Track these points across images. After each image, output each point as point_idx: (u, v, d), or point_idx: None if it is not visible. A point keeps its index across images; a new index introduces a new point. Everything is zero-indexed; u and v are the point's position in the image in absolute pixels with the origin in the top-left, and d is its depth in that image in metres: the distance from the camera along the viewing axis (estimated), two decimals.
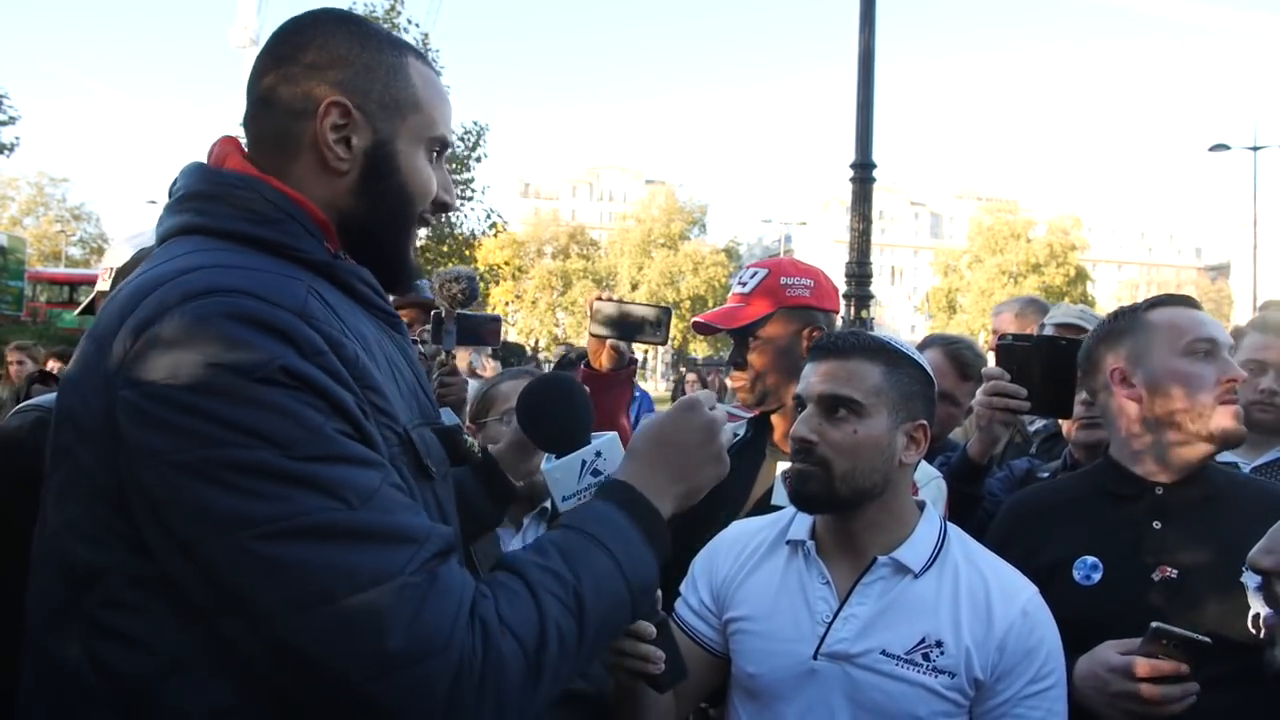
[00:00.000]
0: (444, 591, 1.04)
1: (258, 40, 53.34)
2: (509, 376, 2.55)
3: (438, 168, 1.39)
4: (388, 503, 1.06)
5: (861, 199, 8.13)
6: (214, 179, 1.27)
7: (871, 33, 8.09)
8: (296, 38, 1.29)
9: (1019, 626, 1.65)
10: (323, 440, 1.04)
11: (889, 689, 1.63)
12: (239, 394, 1.01)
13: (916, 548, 1.74)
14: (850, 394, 1.72)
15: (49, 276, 33.79)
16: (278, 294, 1.09)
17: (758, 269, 2.51)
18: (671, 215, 59.19)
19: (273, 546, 0.99)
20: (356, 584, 1.00)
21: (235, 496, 1.00)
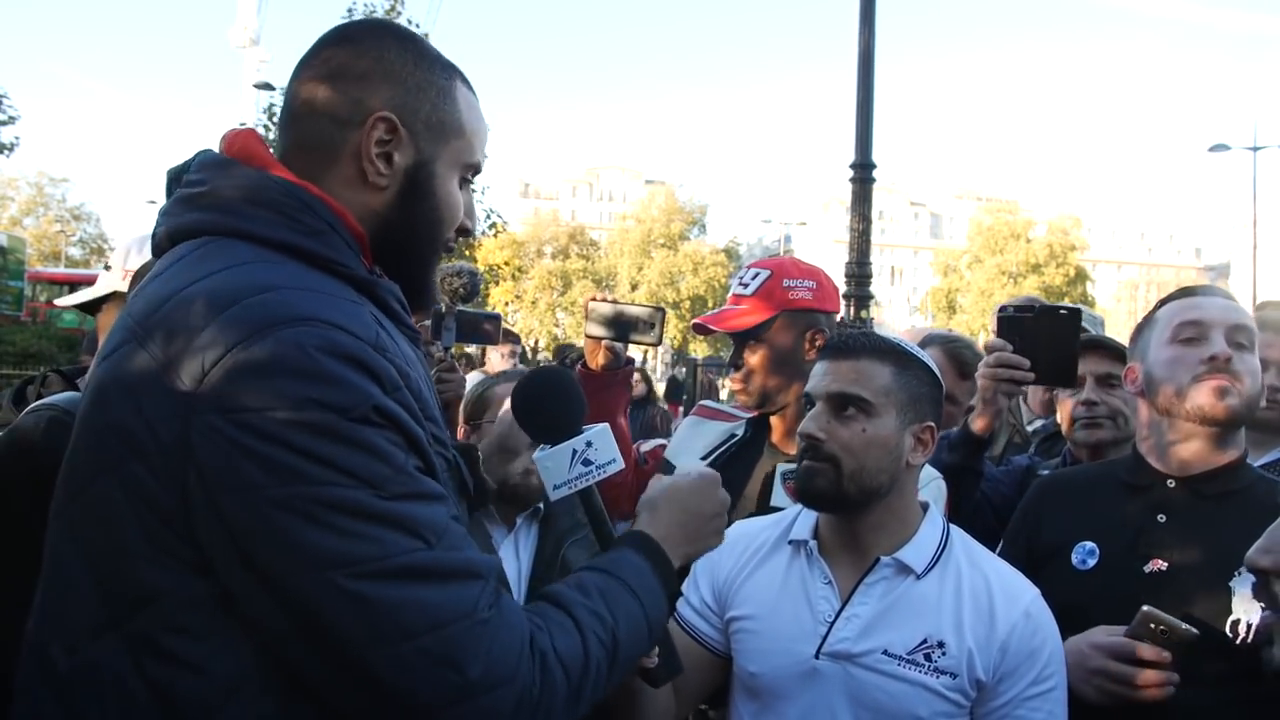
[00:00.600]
0: (509, 625, 1.11)
1: (258, 40, 53.57)
2: (505, 378, 2.55)
3: (466, 193, 1.39)
4: (456, 538, 1.12)
5: (861, 199, 8.13)
6: (249, 180, 1.22)
7: (871, 32, 8.09)
8: (351, 46, 1.28)
9: (1022, 628, 1.66)
10: (406, 478, 1.09)
11: (891, 689, 1.63)
12: (337, 433, 1.03)
13: (920, 548, 1.74)
14: (859, 393, 1.72)
15: (49, 276, 33.78)
16: (358, 325, 1.10)
17: (759, 269, 2.49)
18: (671, 215, 59.12)
19: (362, 585, 1.02)
20: (439, 621, 1.05)
21: (330, 535, 1.02)
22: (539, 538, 2.44)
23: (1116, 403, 2.56)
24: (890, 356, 1.77)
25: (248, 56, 52.31)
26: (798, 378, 2.34)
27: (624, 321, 2.45)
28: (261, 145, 1.29)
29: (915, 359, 1.80)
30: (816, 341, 2.39)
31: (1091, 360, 2.63)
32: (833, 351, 1.80)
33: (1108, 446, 2.57)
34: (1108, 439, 2.56)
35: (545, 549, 2.41)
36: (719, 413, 2.63)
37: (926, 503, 1.85)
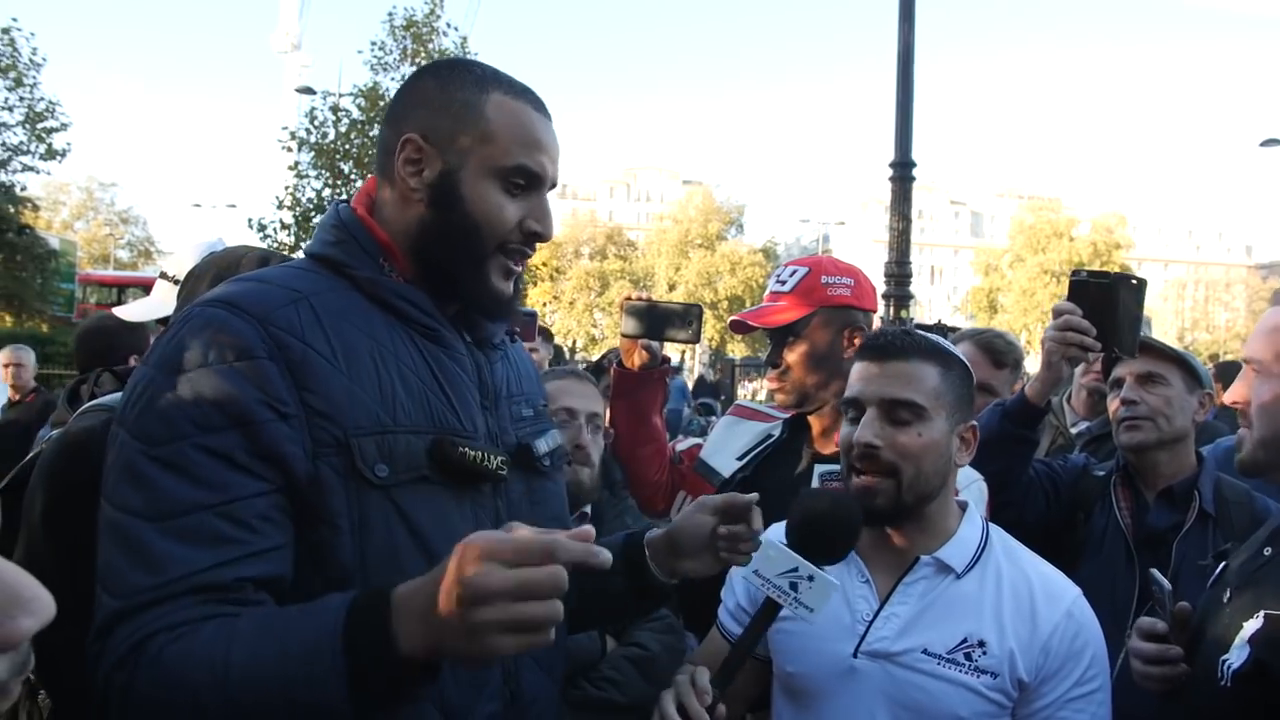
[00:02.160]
0: (136, 620, 1.16)
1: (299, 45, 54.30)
2: (553, 376, 2.56)
3: (525, 198, 1.45)
4: (185, 528, 1.18)
5: (901, 198, 8.07)
6: (329, 212, 1.51)
7: (911, 29, 8.02)
8: (404, 87, 1.51)
9: (1064, 628, 1.64)
10: (174, 449, 1.20)
11: (930, 688, 1.61)
12: (149, 386, 1.24)
13: (960, 548, 1.72)
14: (913, 397, 1.69)
15: (98, 279, 34.49)
16: (252, 303, 1.29)
17: (797, 267, 2.48)
18: (709, 215, 58.94)
19: (102, 521, 1.22)
20: (106, 585, 1.19)
21: (109, 469, 1.24)
22: None
23: (1157, 402, 2.53)
24: (936, 356, 1.74)
25: (289, 61, 53.13)
26: (836, 375, 2.34)
27: (660, 319, 2.45)
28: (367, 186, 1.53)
29: (955, 357, 1.78)
30: (855, 339, 2.38)
31: (1134, 360, 2.59)
32: (877, 352, 1.76)
33: (1152, 448, 2.54)
34: (1150, 440, 2.53)
35: None
36: (756, 413, 2.62)
37: (965, 502, 1.83)
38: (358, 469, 1.27)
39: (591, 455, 2.42)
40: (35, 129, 24.01)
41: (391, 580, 1.16)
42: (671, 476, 2.60)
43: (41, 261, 26.26)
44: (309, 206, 21.97)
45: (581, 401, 2.46)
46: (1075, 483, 2.69)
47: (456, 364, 1.45)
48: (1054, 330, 2.27)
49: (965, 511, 1.80)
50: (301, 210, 21.93)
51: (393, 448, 1.31)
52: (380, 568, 1.27)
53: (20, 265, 25.36)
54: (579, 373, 2.64)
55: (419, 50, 22.61)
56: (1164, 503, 2.53)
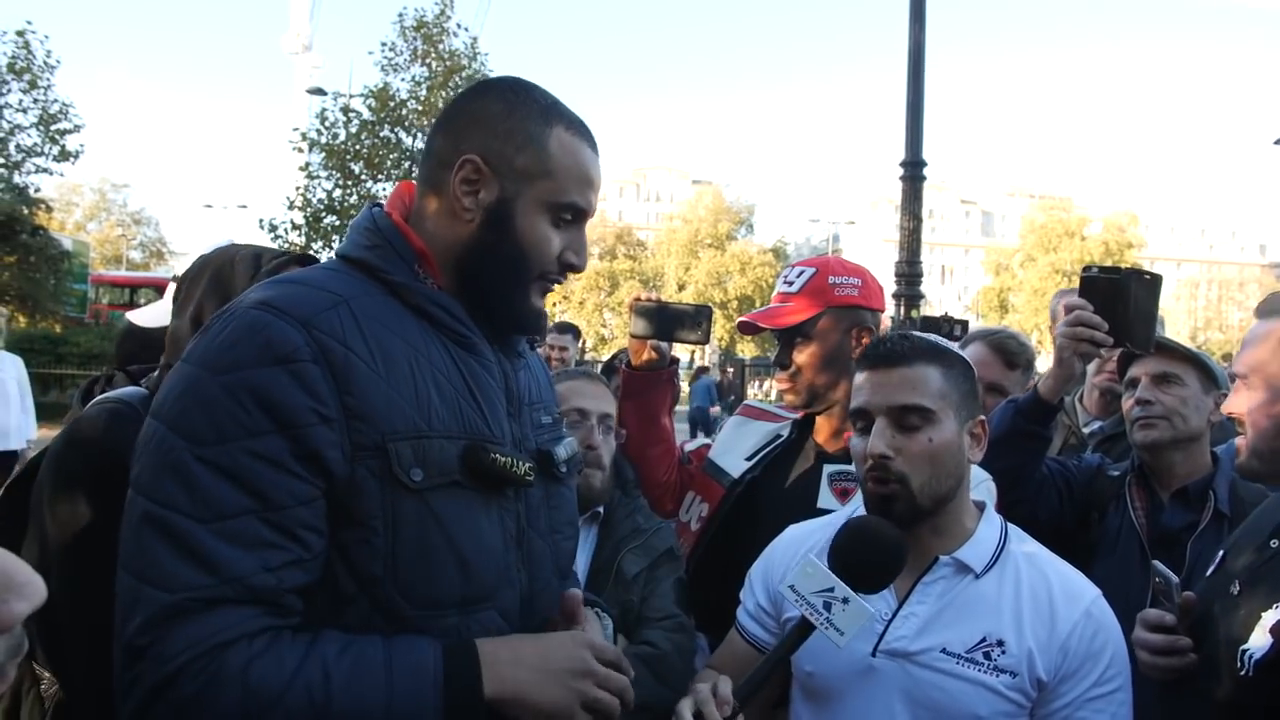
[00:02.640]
0: (202, 623, 1.16)
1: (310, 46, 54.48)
2: (565, 376, 2.56)
3: (568, 231, 1.50)
4: (233, 531, 1.19)
5: (911, 197, 8.05)
6: (362, 215, 1.51)
7: (922, 28, 8.00)
8: (464, 99, 1.51)
9: (1083, 628, 1.63)
10: (226, 452, 1.20)
11: (949, 687, 1.61)
12: (196, 386, 1.24)
13: (979, 548, 1.72)
14: (921, 402, 1.69)
15: (111, 279, 34.74)
16: (295, 305, 1.29)
17: (804, 268, 2.48)
18: (718, 215, 58.96)
19: (141, 511, 1.20)
20: (145, 574, 1.17)
21: (148, 464, 1.22)
22: (597, 542, 2.45)
23: (1172, 402, 2.52)
24: (936, 357, 1.74)
25: (300, 62, 53.31)
26: (845, 375, 2.34)
27: (670, 320, 2.45)
28: (400, 190, 1.57)
29: (954, 355, 1.78)
30: (863, 339, 2.38)
31: (1149, 360, 2.58)
32: (878, 360, 1.75)
33: (1166, 447, 2.53)
34: (1165, 439, 2.52)
35: (602, 553, 2.41)
36: (765, 413, 2.62)
37: (983, 501, 1.83)
38: (394, 473, 1.29)
39: (603, 456, 2.43)
40: (49, 131, 24.07)
41: (420, 581, 1.30)
42: (680, 477, 2.60)
43: (55, 262, 26.33)
44: (319, 207, 22.06)
45: (594, 402, 2.46)
46: (1089, 482, 2.68)
47: (486, 371, 1.47)
48: (1065, 326, 2.26)
49: (984, 511, 1.79)
50: (312, 211, 22.03)
51: (427, 452, 1.32)
52: (411, 569, 1.29)
53: (34, 266, 25.43)
54: (591, 374, 2.63)
55: (429, 51, 22.69)
56: (1179, 503, 2.51)
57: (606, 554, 2.40)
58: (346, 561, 1.27)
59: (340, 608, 1.27)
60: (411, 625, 1.29)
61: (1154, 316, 2.20)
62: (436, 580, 1.32)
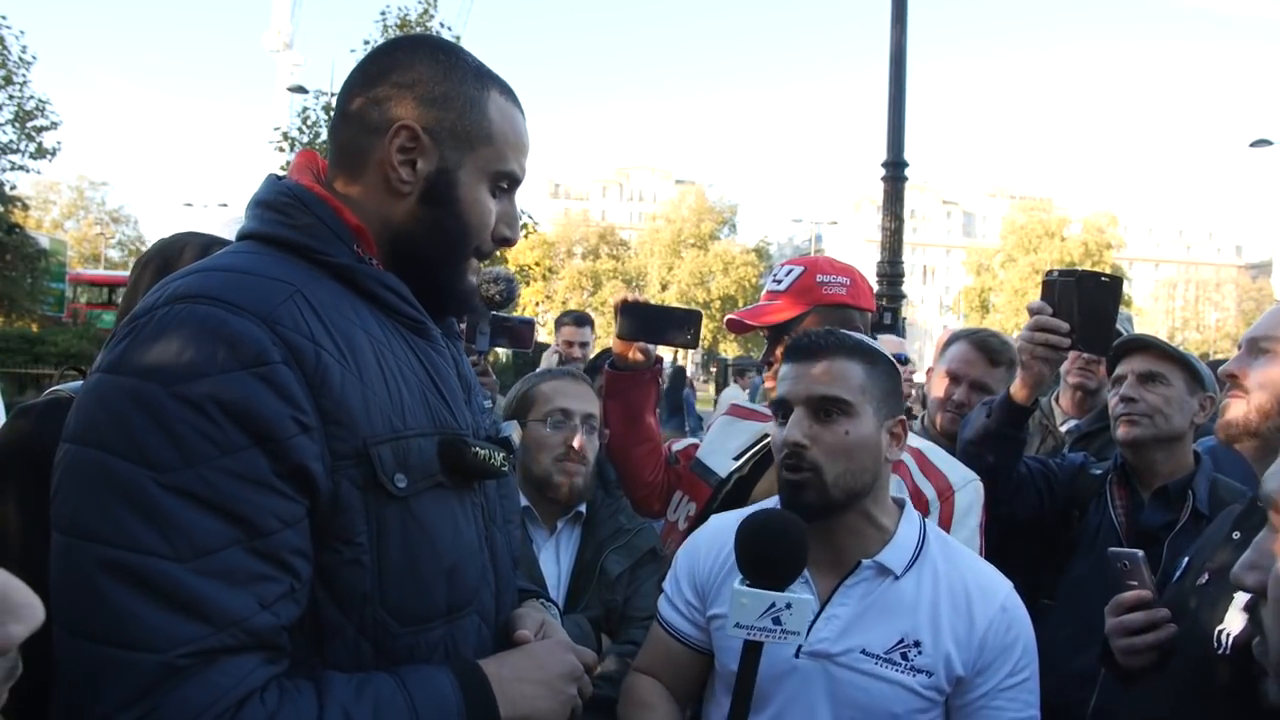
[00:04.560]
0: (206, 684, 1.01)
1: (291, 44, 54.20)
2: (549, 376, 2.55)
3: (503, 201, 1.41)
4: (220, 569, 1.03)
5: (893, 198, 8.09)
6: (269, 187, 1.33)
7: (903, 30, 8.04)
8: (386, 59, 1.35)
9: (998, 622, 1.69)
10: (197, 477, 1.03)
11: (868, 687, 1.65)
12: (149, 404, 1.04)
13: (899, 549, 1.74)
14: (840, 394, 1.71)
15: (89, 278, 34.39)
16: (249, 299, 1.13)
17: (793, 266, 2.48)
18: (701, 215, 59.17)
19: (87, 563, 1.01)
20: (125, 639, 0.99)
21: (87, 503, 1.03)
22: (580, 542, 2.45)
23: (1156, 400, 2.54)
24: (859, 353, 1.76)
25: (281, 60, 53.01)
26: None
27: (658, 321, 2.45)
28: (303, 160, 1.39)
29: (880, 354, 1.81)
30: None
31: (1136, 359, 2.61)
32: (800, 353, 1.78)
33: (1148, 445, 2.56)
34: (1147, 437, 2.55)
35: (585, 554, 2.41)
36: (753, 413, 2.62)
37: (903, 500, 1.85)
38: (378, 481, 1.18)
39: (587, 456, 2.43)
40: (25, 128, 23.83)
41: (410, 596, 1.21)
42: (668, 477, 2.60)
43: (31, 261, 26.09)
44: None
45: (577, 402, 2.46)
46: (1071, 480, 2.70)
47: (441, 358, 1.38)
48: (1025, 330, 2.29)
49: (903, 510, 1.82)
50: None
51: (408, 455, 1.22)
52: (400, 585, 1.20)
53: (10, 265, 25.20)
54: (575, 373, 2.63)
55: None
56: (1158, 501, 2.54)
57: (590, 554, 2.40)
58: (329, 587, 1.15)
59: (321, 640, 1.16)
60: (400, 644, 1.21)
61: (1111, 319, 2.21)
62: (426, 592, 1.23)
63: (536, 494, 2.40)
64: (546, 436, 2.40)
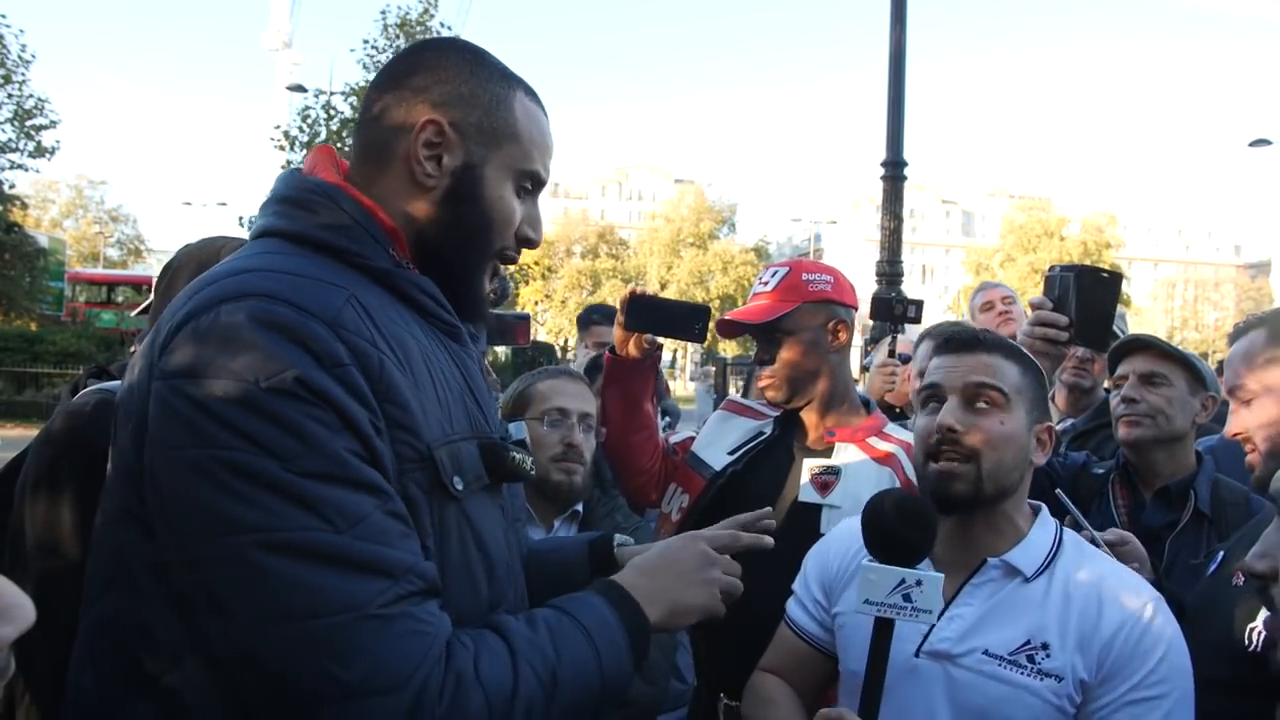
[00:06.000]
0: (413, 631, 1.07)
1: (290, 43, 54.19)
2: (546, 375, 2.56)
3: (527, 202, 1.41)
4: (375, 531, 1.08)
5: (892, 197, 8.07)
6: (297, 185, 1.31)
7: (903, 30, 8.03)
8: (414, 59, 1.37)
9: (1132, 628, 1.57)
10: (322, 457, 1.06)
11: (990, 690, 1.58)
12: (249, 400, 1.05)
13: (1030, 551, 1.69)
14: (997, 383, 1.69)
15: (88, 277, 34.43)
16: (312, 301, 1.13)
17: (778, 268, 2.53)
18: (701, 214, 59.11)
19: (253, 554, 1.02)
20: (323, 608, 1.02)
21: (227, 498, 1.03)
22: None
23: (1158, 401, 2.54)
24: (1015, 355, 1.75)
25: (281, 59, 53.01)
26: (824, 367, 2.42)
27: (665, 316, 2.44)
28: (325, 156, 1.38)
29: (1031, 360, 1.79)
30: (839, 333, 2.44)
31: (1138, 359, 2.61)
32: (956, 345, 1.76)
33: (1149, 445, 2.56)
34: (1148, 438, 2.55)
35: None
36: (747, 409, 2.64)
37: (1039, 505, 1.81)
38: (442, 483, 1.20)
39: (584, 454, 2.43)
40: (24, 126, 23.83)
41: (464, 593, 1.23)
42: (664, 467, 2.61)
43: (30, 260, 26.09)
44: None
45: (574, 401, 2.47)
46: (1073, 480, 2.70)
47: (471, 361, 1.40)
48: (1026, 324, 2.30)
49: (1039, 515, 1.77)
50: None
51: (460, 458, 1.25)
52: (456, 583, 1.22)
53: (9, 264, 25.18)
54: (572, 372, 2.64)
55: None
56: (1160, 501, 2.54)
57: None
58: None
59: None
60: None
61: (1109, 314, 2.21)
62: (476, 591, 1.26)
63: (534, 493, 2.40)
64: (544, 435, 2.40)
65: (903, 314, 3.85)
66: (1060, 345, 2.22)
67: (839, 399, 2.46)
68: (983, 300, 4.42)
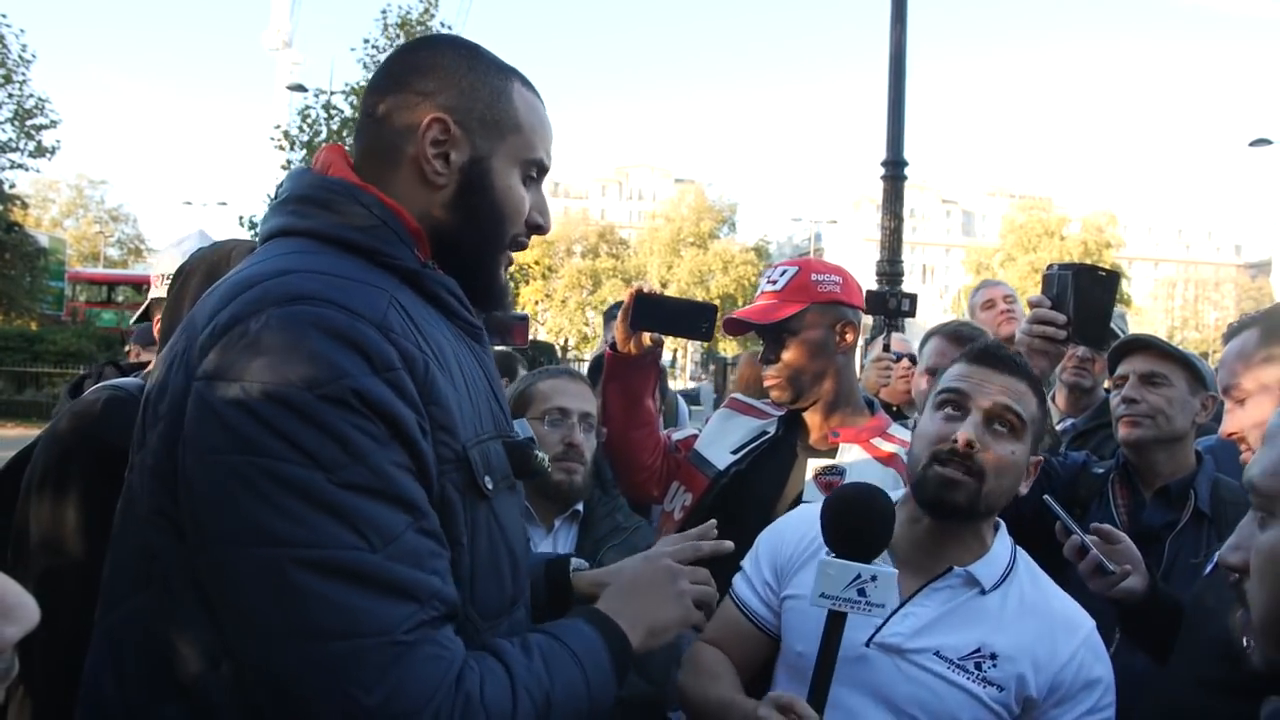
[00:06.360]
0: (432, 657, 1.08)
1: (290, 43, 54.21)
2: (547, 375, 2.56)
3: (533, 190, 1.43)
4: (407, 551, 1.08)
5: (892, 197, 8.08)
6: (318, 184, 1.31)
7: (903, 29, 8.03)
8: (411, 58, 1.37)
9: (1084, 657, 1.67)
10: (366, 470, 1.06)
11: (936, 689, 1.64)
12: (301, 408, 1.04)
13: (991, 565, 1.74)
14: (1021, 412, 1.72)
15: (88, 277, 34.45)
16: (361, 305, 1.13)
17: (787, 267, 2.52)
18: (701, 214, 59.15)
19: (287, 568, 1.02)
20: (352, 629, 1.03)
21: (267, 509, 1.03)
22: (577, 541, 2.45)
23: (1159, 401, 2.54)
24: (1035, 383, 1.78)
25: (281, 59, 53.02)
26: (830, 369, 2.42)
27: (672, 314, 2.43)
28: (339, 155, 1.37)
29: (1042, 390, 1.81)
30: (846, 334, 2.44)
31: (1138, 359, 2.61)
32: (993, 361, 1.78)
33: (1150, 445, 2.56)
34: (1148, 438, 2.55)
35: (582, 551, 2.40)
36: (751, 408, 2.63)
37: (998, 522, 1.84)
38: (475, 483, 1.22)
39: (584, 454, 2.43)
40: (24, 126, 23.87)
41: (491, 590, 1.27)
42: (666, 464, 2.61)
43: (30, 259, 26.11)
44: None
45: (575, 401, 2.47)
46: (1073, 479, 2.70)
47: (490, 361, 1.43)
48: (1024, 323, 2.30)
49: (998, 530, 1.82)
50: None
51: (489, 457, 1.27)
52: (485, 581, 1.25)
53: (9, 263, 25.20)
54: (573, 372, 2.64)
55: None
56: (1159, 501, 2.54)
57: (587, 552, 2.39)
58: None
59: None
60: (479, 641, 1.22)
61: (1107, 312, 2.22)
62: (502, 587, 1.30)
63: (534, 492, 2.40)
64: (544, 435, 2.41)
65: (897, 308, 3.86)
66: (1059, 344, 2.23)
67: (844, 400, 2.46)
68: (984, 298, 4.43)
